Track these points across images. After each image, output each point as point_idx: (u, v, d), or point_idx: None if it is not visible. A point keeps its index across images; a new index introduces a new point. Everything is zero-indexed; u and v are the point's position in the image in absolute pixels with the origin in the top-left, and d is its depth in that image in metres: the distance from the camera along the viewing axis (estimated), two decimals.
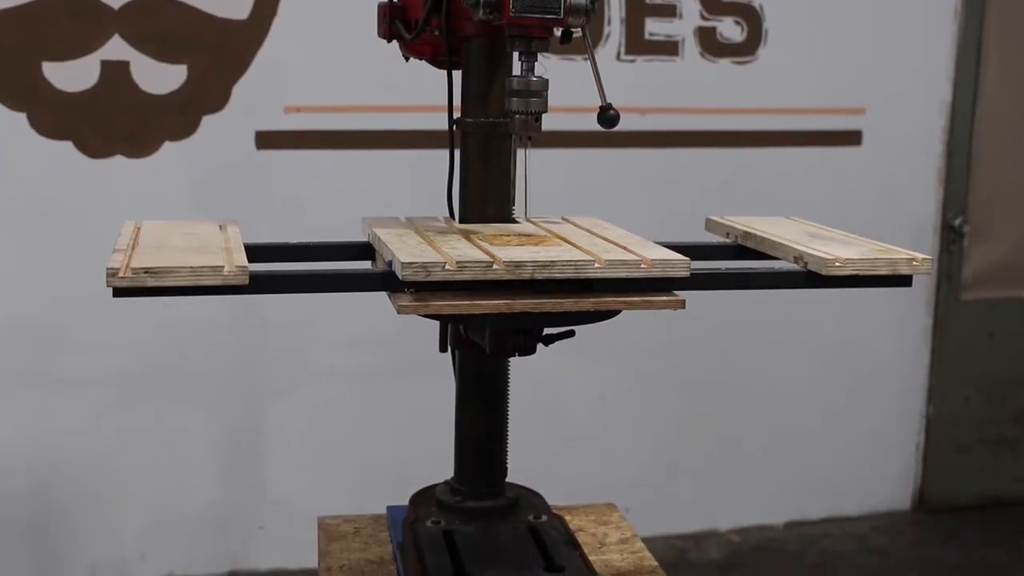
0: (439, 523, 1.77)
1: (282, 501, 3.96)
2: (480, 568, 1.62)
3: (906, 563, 4.26)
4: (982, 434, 4.71)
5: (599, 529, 1.99)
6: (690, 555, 4.27)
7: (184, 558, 3.93)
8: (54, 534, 3.82)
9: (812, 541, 4.43)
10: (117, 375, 3.79)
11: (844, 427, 4.56)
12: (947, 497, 4.72)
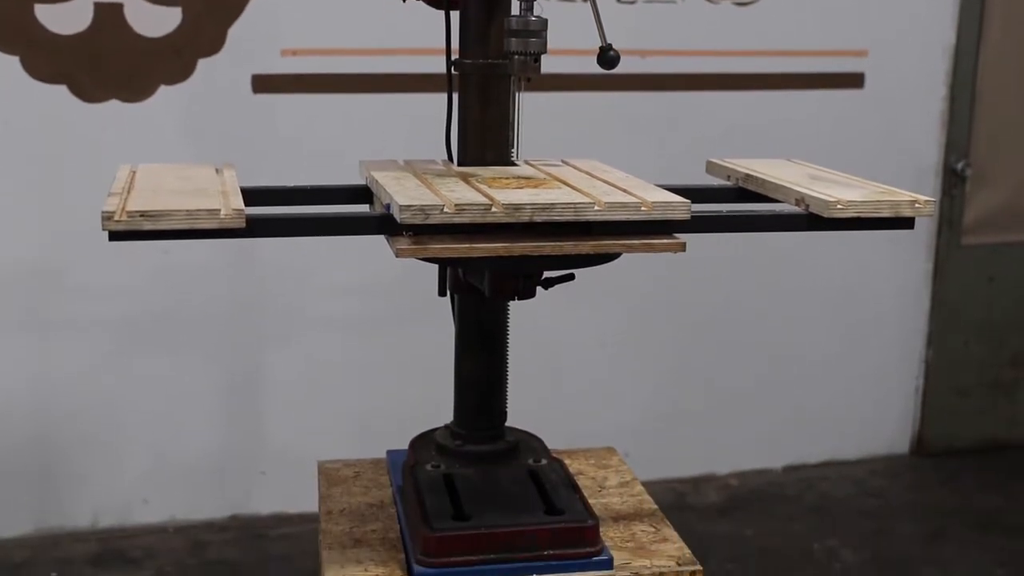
0: (439, 467, 1.77)
1: (282, 446, 3.98)
2: (480, 511, 1.63)
3: (904, 506, 4.29)
4: (980, 378, 4.72)
5: (599, 472, 2.00)
6: (689, 499, 4.30)
7: (186, 503, 3.96)
8: (57, 479, 3.84)
9: (810, 485, 4.45)
10: (116, 321, 3.78)
11: (843, 371, 4.57)
12: (945, 441, 4.74)
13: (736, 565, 3.77)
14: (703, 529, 4.01)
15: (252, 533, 3.92)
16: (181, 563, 3.72)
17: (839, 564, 3.81)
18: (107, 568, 3.67)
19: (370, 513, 1.81)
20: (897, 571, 3.77)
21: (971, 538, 4.02)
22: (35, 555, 3.74)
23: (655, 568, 1.64)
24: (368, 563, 1.62)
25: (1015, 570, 3.79)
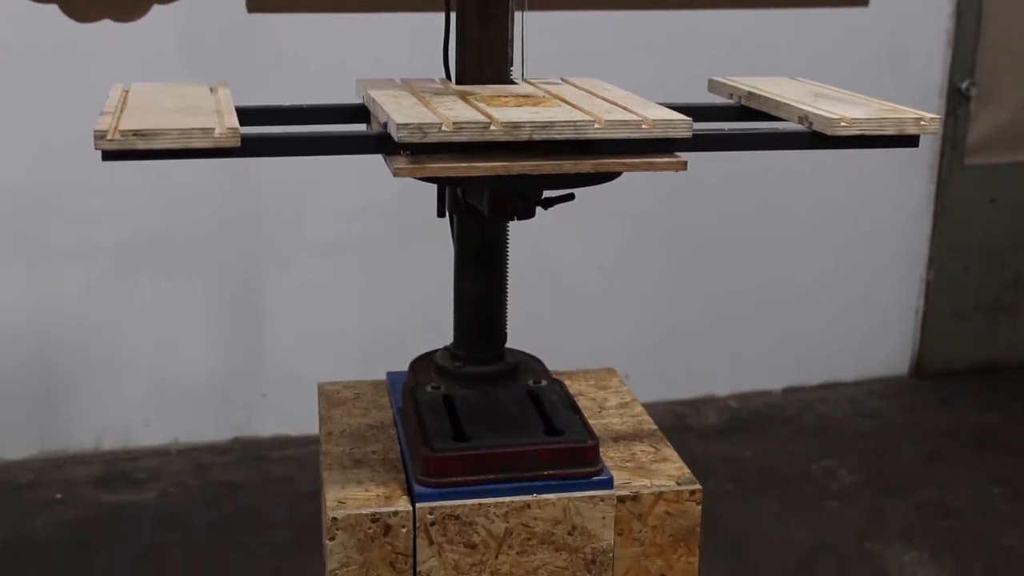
0: (439, 388, 1.77)
1: (282, 369, 3.99)
2: (480, 431, 1.63)
3: (901, 427, 4.32)
4: (980, 300, 4.72)
5: (599, 394, 1.99)
6: (688, 420, 4.32)
7: (188, 425, 3.98)
8: (59, 403, 3.86)
9: (809, 406, 4.48)
10: (115, 244, 3.77)
11: (843, 293, 4.57)
12: (944, 362, 4.76)
13: (735, 485, 3.81)
14: (702, 450, 4.04)
15: (254, 455, 3.96)
16: (184, 485, 3.75)
17: (837, 484, 3.85)
18: (111, 490, 3.70)
19: (370, 434, 1.81)
20: (895, 491, 3.80)
21: (969, 458, 4.05)
22: (39, 477, 3.77)
23: (655, 488, 1.64)
24: (369, 483, 1.62)
25: (1012, 489, 3.83)
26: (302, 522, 3.50)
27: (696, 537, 1.66)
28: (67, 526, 3.47)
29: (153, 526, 3.49)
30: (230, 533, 3.45)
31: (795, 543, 3.45)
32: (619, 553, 1.64)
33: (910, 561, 3.37)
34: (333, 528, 1.54)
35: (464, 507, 1.56)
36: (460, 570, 1.58)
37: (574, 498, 1.59)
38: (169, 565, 3.26)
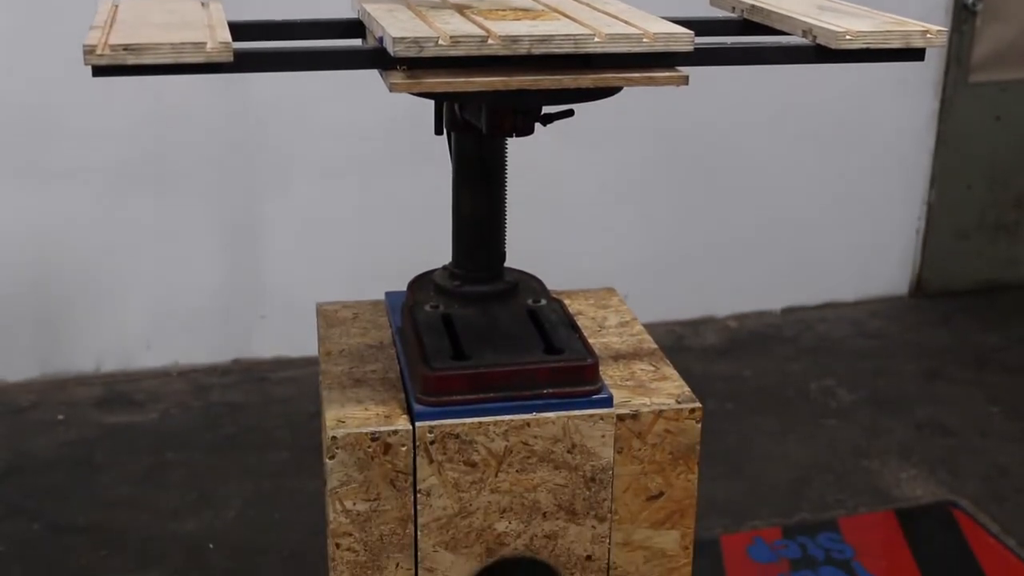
0: (438, 307, 1.76)
1: (281, 290, 3.98)
2: (479, 350, 1.62)
3: (901, 346, 4.32)
4: (982, 219, 4.71)
5: (598, 313, 1.99)
6: (688, 341, 4.33)
7: (188, 348, 3.99)
8: (59, 325, 3.86)
9: (809, 326, 4.48)
10: (111, 165, 3.74)
11: (845, 213, 4.55)
12: (944, 282, 4.75)
13: (735, 405, 3.82)
14: (702, 370, 4.05)
15: (254, 376, 3.97)
16: (185, 406, 3.77)
17: (835, 403, 3.86)
18: (112, 411, 3.72)
19: (369, 354, 1.80)
20: (893, 410, 3.82)
21: (967, 377, 4.07)
22: (41, 399, 3.78)
23: (655, 406, 1.64)
24: (368, 403, 1.62)
25: (1010, 407, 3.85)
26: (303, 442, 3.52)
27: (696, 455, 1.67)
28: (69, 446, 3.50)
29: (154, 447, 3.51)
30: (231, 453, 3.47)
31: (793, 461, 3.48)
32: (619, 471, 1.64)
33: (907, 478, 3.40)
34: (333, 447, 1.54)
35: (464, 426, 1.56)
36: (460, 488, 1.59)
37: (574, 416, 1.59)
38: (171, 484, 3.29)
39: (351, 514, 1.57)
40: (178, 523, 3.11)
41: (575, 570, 1.67)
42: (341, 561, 1.59)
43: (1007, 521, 3.17)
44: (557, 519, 1.64)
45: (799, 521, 3.17)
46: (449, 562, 1.62)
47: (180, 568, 2.91)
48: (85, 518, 3.12)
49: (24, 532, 3.05)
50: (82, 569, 2.90)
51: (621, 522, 1.67)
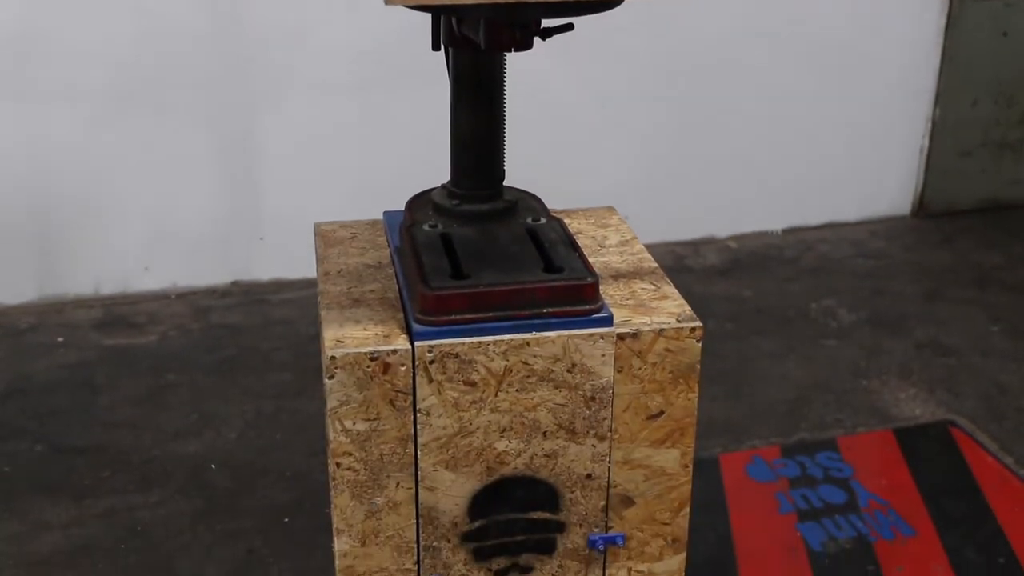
0: (436, 226, 1.73)
1: (280, 212, 3.96)
2: (478, 269, 1.60)
3: (902, 266, 4.31)
4: (986, 137, 4.66)
5: (598, 231, 1.96)
6: (688, 261, 4.31)
7: (187, 271, 3.98)
8: (57, 248, 3.84)
9: (809, 246, 4.46)
10: (104, 87, 3.69)
11: (847, 132, 4.51)
12: (947, 201, 4.72)
13: (735, 325, 3.82)
14: (702, 290, 4.04)
15: (253, 298, 3.96)
16: (184, 328, 3.77)
17: (835, 323, 3.86)
18: (112, 333, 3.72)
19: (368, 273, 1.79)
20: (893, 329, 3.82)
21: (968, 296, 4.06)
22: (40, 321, 3.78)
23: (655, 325, 1.63)
24: (367, 322, 1.61)
25: (1010, 326, 3.84)
26: (303, 364, 3.52)
27: (696, 374, 1.66)
28: (69, 368, 3.50)
29: (155, 368, 3.51)
30: (231, 375, 3.48)
31: (793, 381, 3.48)
32: (619, 390, 1.63)
33: (907, 398, 3.40)
34: (332, 367, 1.53)
35: (463, 345, 1.55)
36: (460, 408, 1.58)
37: (574, 335, 1.58)
38: (172, 406, 3.30)
39: (351, 434, 1.56)
40: (179, 444, 3.12)
41: (575, 489, 1.67)
42: (342, 480, 1.59)
43: (1006, 440, 3.19)
44: (557, 438, 1.63)
45: (798, 440, 3.18)
46: (449, 481, 1.62)
47: (182, 488, 2.93)
48: (87, 439, 3.13)
49: (27, 453, 3.07)
50: (85, 489, 2.92)
51: (621, 441, 1.67)
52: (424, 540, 1.65)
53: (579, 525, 1.70)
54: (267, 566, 2.65)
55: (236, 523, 2.80)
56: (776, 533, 2.79)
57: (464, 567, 1.68)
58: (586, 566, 1.72)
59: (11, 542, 2.72)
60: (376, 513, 1.61)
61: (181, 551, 2.70)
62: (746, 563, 2.67)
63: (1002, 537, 2.78)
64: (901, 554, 2.71)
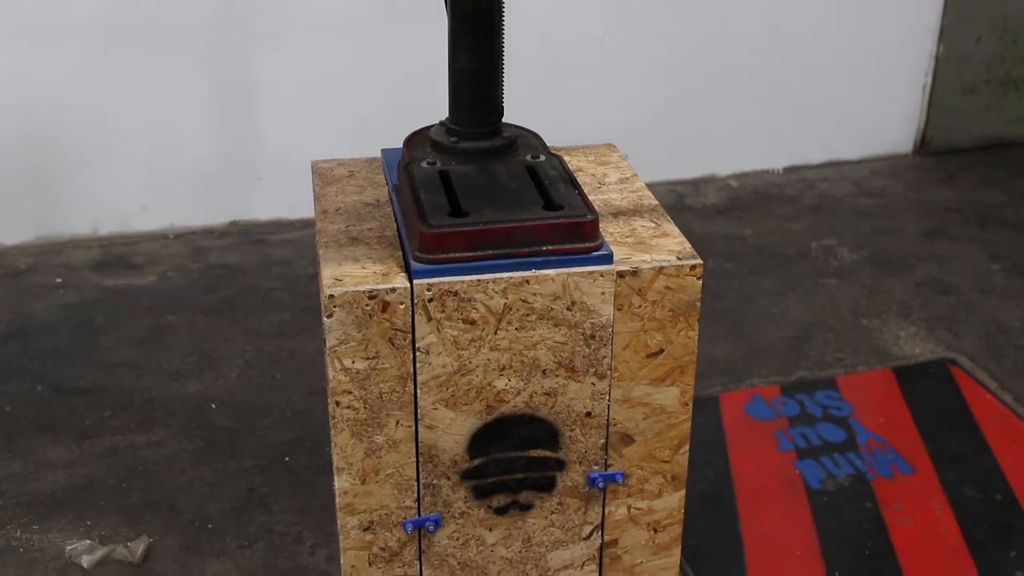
0: (435, 164, 1.72)
1: (278, 151, 3.93)
2: (477, 207, 1.59)
3: (903, 205, 4.29)
4: (990, 74, 4.61)
5: (598, 169, 1.95)
6: (688, 200, 4.29)
7: (184, 210, 3.96)
8: (54, 188, 3.82)
9: (811, 185, 4.44)
10: (99, 24, 3.64)
11: (850, 70, 4.46)
12: (949, 139, 4.69)
13: (734, 264, 3.81)
14: (702, 229, 4.02)
15: (252, 239, 3.95)
16: (183, 268, 3.76)
17: (836, 262, 3.85)
18: (110, 274, 3.71)
19: (366, 212, 1.78)
20: (894, 268, 3.81)
21: (970, 234, 4.05)
22: (38, 262, 3.77)
23: (655, 262, 1.62)
24: (365, 261, 1.60)
25: (1011, 264, 3.84)
26: (302, 304, 3.52)
27: (696, 312, 1.65)
28: (69, 309, 3.49)
29: (154, 309, 3.51)
30: (231, 315, 3.47)
31: (793, 320, 3.48)
32: (618, 328, 1.63)
33: (907, 336, 3.40)
34: (331, 305, 1.53)
35: (462, 283, 1.55)
36: (459, 346, 1.58)
37: (573, 273, 1.57)
38: (172, 346, 3.30)
39: (350, 372, 1.56)
40: (180, 384, 3.13)
41: (575, 427, 1.67)
42: (341, 419, 1.59)
43: (1005, 378, 3.19)
44: (557, 376, 1.63)
45: (798, 379, 3.18)
46: (449, 419, 1.62)
47: (183, 428, 2.94)
48: (88, 380, 3.14)
49: (28, 393, 3.07)
50: (87, 429, 2.93)
51: (621, 379, 1.67)
52: (424, 478, 1.66)
53: (579, 463, 1.70)
54: (268, 504, 2.66)
55: (237, 462, 2.81)
56: (775, 471, 2.80)
57: (464, 504, 1.69)
58: (586, 503, 1.73)
59: (14, 481, 2.74)
60: (376, 451, 1.62)
61: (182, 490, 2.72)
62: (745, 500, 2.69)
63: (1000, 474, 2.79)
64: (899, 491, 2.73)
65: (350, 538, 1.67)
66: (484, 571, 1.74)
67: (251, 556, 2.51)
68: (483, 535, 1.71)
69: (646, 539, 1.79)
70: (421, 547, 1.70)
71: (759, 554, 2.52)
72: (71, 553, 2.49)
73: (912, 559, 2.51)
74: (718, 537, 2.58)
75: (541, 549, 1.75)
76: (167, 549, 2.53)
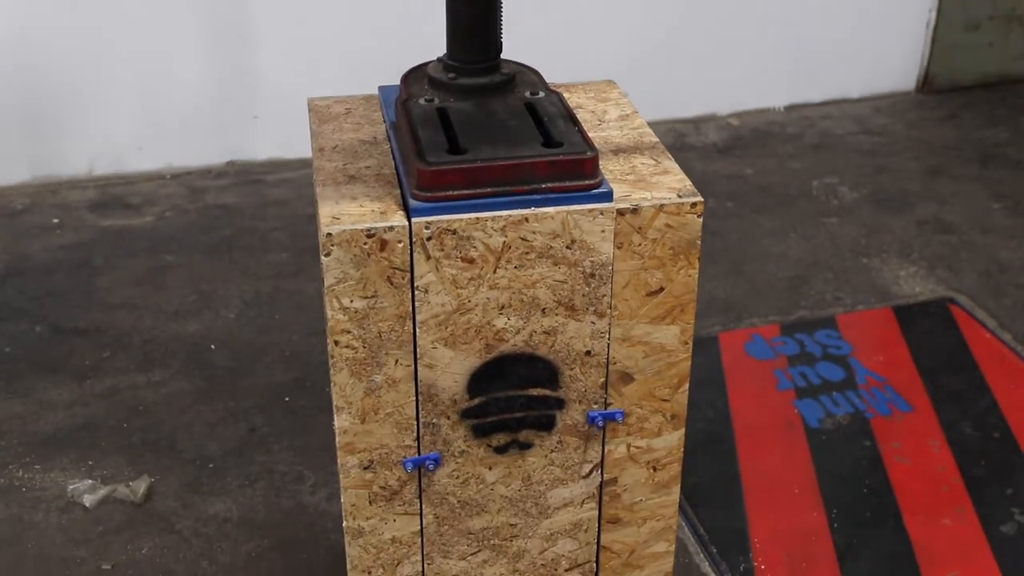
0: (432, 101, 1.70)
1: (274, 90, 3.89)
2: (475, 144, 1.57)
3: (905, 143, 4.26)
4: (995, 9, 4.56)
5: (598, 106, 1.92)
6: (689, 139, 4.26)
7: (181, 150, 3.93)
8: (49, 128, 3.79)
9: (812, 123, 4.41)
10: None
11: (852, 6, 4.41)
12: (952, 77, 4.65)
13: (735, 203, 3.79)
14: (703, 168, 4.00)
15: (249, 179, 3.92)
16: (180, 208, 3.74)
17: (837, 201, 3.83)
18: (107, 214, 3.69)
19: (363, 149, 1.76)
20: (895, 206, 3.79)
21: (971, 173, 4.02)
22: (35, 202, 3.75)
23: (655, 200, 1.60)
24: (363, 199, 1.58)
25: (1013, 203, 3.82)
26: (300, 244, 3.50)
27: (696, 250, 1.64)
28: (66, 249, 3.48)
29: (152, 249, 3.49)
30: (229, 255, 3.46)
31: (793, 259, 3.47)
32: (618, 266, 1.62)
33: (907, 276, 3.40)
34: (328, 244, 1.51)
35: (461, 221, 1.53)
36: (458, 285, 1.57)
37: (573, 211, 1.55)
38: (170, 286, 3.29)
39: (349, 311, 1.55)
40: (179, 324, 3.12)
41: (574, 366, 1.67)
42: (340, 358, 1.59)
43: (1004, 317, 3.19)
44: (556, 315, 1.62)
45: (798, 318, 3.18)
46: (448, 358, 1.62)
47: (183, 368, 2.94)
48: (87, 320, 3.13)
49: (27, 333, 3.07)
50: (87, 369, 2.93)
51: (620, 318, 1.66)
52: (424, 417, 1.65)
53: (578, 402, 1.70)
54: (268, 444, 2.67)
55: (237, 402, 2.82)
56: (774, 410, 2.81)
57: (464, 443, 1.69)
58: (585, 442, 1.73)
59: (15, 421, 2.74)
60: (375, 390, 1.62)
61: (183, 429, 2.72)
62: (744, 439, 2.70)
63: (998, 413, 2.80)
64: (897, 430, 2.74)
65: (350, 477, 1.67)
66: (484, 509, 1.75)
67: (252, 495, 2.52)
68: (483, 474, 1.72)
69: (645, 477, 1.80)
70: (421, 486, 1.71)
71: (758, 492, 2.54)
72: (73, 492, 2.51)
73: (909, 497, 2.52)
74: (717, 476, 2.59)
75: (541, 488, 1.75)
76: (168, 488, 2.54)
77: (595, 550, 1.84)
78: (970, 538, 2.42)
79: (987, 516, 2.47)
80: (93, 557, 2.36)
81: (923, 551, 2.38)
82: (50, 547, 2.38)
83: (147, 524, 2.44)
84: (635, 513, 1.83)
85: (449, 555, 1.77)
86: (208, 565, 2.34)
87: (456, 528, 1.75)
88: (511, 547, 1.79)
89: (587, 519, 1.80)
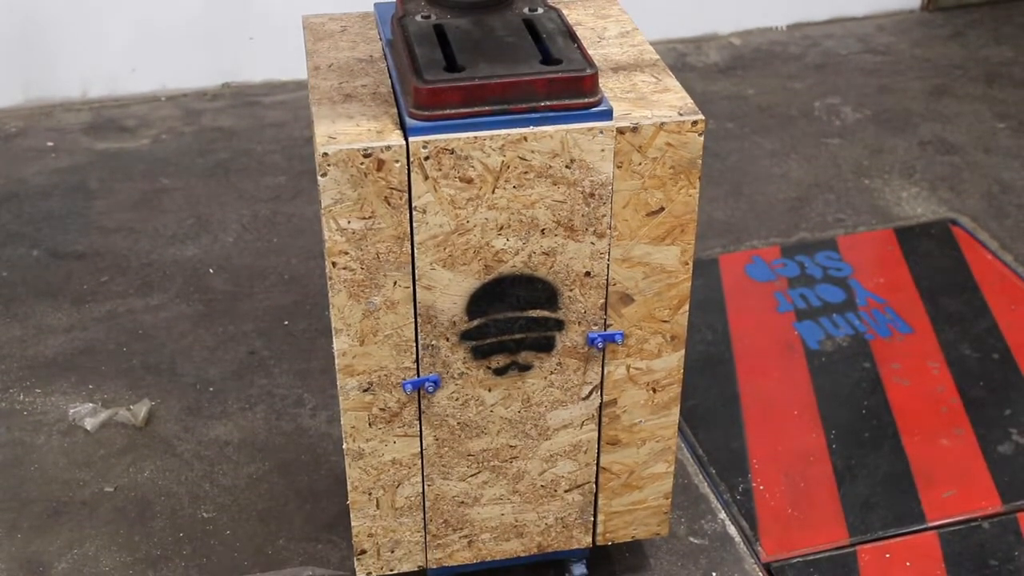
0: (429, 18, 1.67)
1: (269, 10, 3.83)
2: (473, 61, 1.54)
3: (909, 62, 4.20)
4: None
5: (598, 23, 1.89)
6: (690, 59, 4.21)
7: (176, 72, 3.88)
8: (41, 50, 3.73)
9: (815, 43, 4.34)
10: None
11: None
12: None
13: (736, 124, 3.75)
14: (703, 88, 3.95)
15: (245, 101, 3.88)
16: (176, 131, 3.70)
17: (839, 122, 3.79)
18: (102, 137, 3.66)
19: (359, 68, 1.73)
20: (897, 127, 3.75)
21: (976, 92, 3.97)
22: (29, 125, 3.71)
23: (656, 118, 1.58)
24: (359, 118, 1.56)
25: (1017, 123, 3.78)
26: (297, 167, 3.47)
27: (697, 169, 1.62)
28: (61, 173, 3.45)
29: (148, 172, 3.46)
30: (226, 178, 3.43)
31: (795, 181, 3.44)
32: (618, 186, 1.60)
33: (908, 197, 3.37)
34: (324, 164, 1.49)
35: (459, 140, 1.51)
36: (456, 205, 1.55)
37: (572, 130, 1.53)
38: (168, 210, 3.26)
39: (346, 232, 1.54)
40: (177, 248, 3.11)
41: (574, 287, 1.66)
42: (338, 280, 1.58)
43: (1006, 238, 3.17)
44: (555, 236, 1.61)
45: (798, 240, 3.16)
46: (447, 279, 1.61)
47: (181, 291, 2.93)
48: (84, 244, 3.12)
49: (25, 258, 3.06)
50: (85, 293, 2.92)
51: (620, 238, 1.65)
52: (423, 339, 1.65)
53: (578, 323, 1.69)
54: (268, 367, 2.67)
55: (236, 326, 2.81)
56: (774, 331, 2.80)
57: (463, 365, 1.68)
58: (585, 363, 1.73)
59: (14, 345, 2.74)
60: (374, 312, 1.61)
61: (183, 353, 2.72)
62: (743, 360, 2.70)
63: (998, 334, 2.80)
64: (897, 351, 2.73)
65: (350, 399, 1.67)
66: (483, 431, 1.75)
67: (252, 418, 2.53)
68: (482, 395, 1.72)
69: (645, 399, 1.80)
70: (421, 407, 1.71)
71: (757, 414, 2.54)
72: (74, 416, 2.51)
73: (908, 418, 2.53)
74: (717, 397, 2.59)
75: (540, 409, 1.75)
76: (169, 412, 2.55)
77: (594, 471, 1.84)
78: (968, 458, 2.43)
79: (985, 436, 2.48)
80: (95, 479, 2.37)
81: (921, 471, 2.39)
82: (52, 469, 2.39)
83: (148, 447, 2.45)
84: (634, 434, 1.83)
85: (449, 476, 1.78)
86: (210, 487, 2.35)
87: (456, 450, 1.76)
88: (511, 468, 1.80)
89: (586, 440, 1.81)
